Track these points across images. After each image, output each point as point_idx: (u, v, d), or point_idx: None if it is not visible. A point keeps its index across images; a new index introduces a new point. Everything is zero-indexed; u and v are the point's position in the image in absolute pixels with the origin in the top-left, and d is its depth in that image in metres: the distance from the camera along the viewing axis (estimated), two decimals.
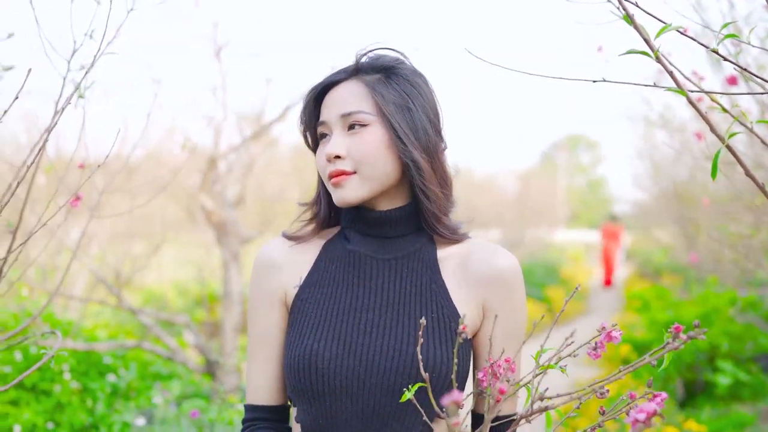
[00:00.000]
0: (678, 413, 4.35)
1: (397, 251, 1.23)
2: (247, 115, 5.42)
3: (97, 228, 6.04)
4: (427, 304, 1.20)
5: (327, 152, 1.20)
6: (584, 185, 40.98)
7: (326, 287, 1.23)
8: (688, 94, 0.95)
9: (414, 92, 1.23)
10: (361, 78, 1.23)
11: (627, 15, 0.93)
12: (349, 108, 1.21)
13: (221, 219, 4.62)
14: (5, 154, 5.45)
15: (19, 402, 3.54)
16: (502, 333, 1.21)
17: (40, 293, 5.02)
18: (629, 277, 14.86)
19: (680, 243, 9.42)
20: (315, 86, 1.26)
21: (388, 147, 1.20)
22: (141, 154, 6.10)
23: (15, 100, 1.30)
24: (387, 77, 1.23)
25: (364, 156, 1.19)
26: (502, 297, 1.22)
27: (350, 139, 1.20)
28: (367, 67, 1.24)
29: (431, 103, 1.25)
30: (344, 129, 1.21)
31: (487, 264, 1.23)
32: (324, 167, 1.22)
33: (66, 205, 1.56)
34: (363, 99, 1.21)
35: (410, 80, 1.23)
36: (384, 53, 1.27)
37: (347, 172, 1.19)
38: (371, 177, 1.19)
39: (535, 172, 21.14)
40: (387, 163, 1.20)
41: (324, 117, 1.24)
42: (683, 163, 7.06)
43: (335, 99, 1.23)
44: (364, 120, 1.20)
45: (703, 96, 2.00)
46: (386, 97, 1.21)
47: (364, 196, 1.21)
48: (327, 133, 1.24)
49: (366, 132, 1.20)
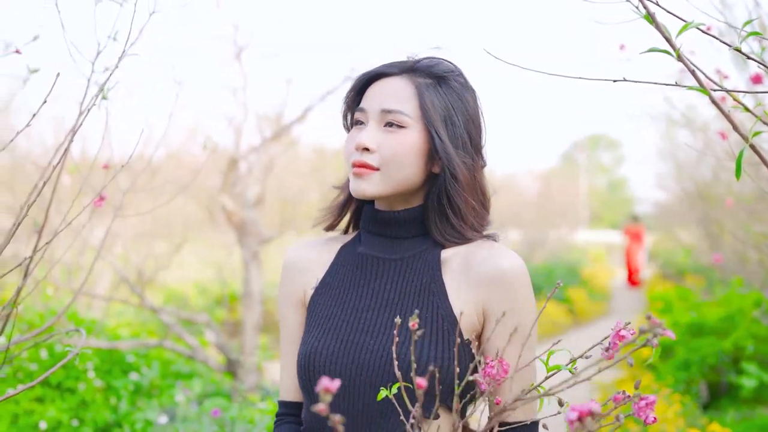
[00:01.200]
0: (701, 416, 4.30)
1: (404, 252, 1.24)
2: (268, 116, 5.45)
3: (120, 228, 6.12)
4: (424, 304, 1.20)
5: (357, 142, 1.21)
6: (605, 186, 40.61)
7: (336, 288, 1.26)
8: (710, 92, 0.94)
9: (460, 106, 1.23)
10: (413, 78, 1.23)
11: (648, 14, 0.92)
12: (392, 105, 1.21)
13: (241, 219, 4.66)
14: (33, 156, 5.54)
15: (44, 399, 3.60)
16: (505, 335, 1.17)
17: (65, 292, 5.10)
18: (652, 278, 14.72)
19: (703, 244, 9.30)
20: (366, 72, 1.26)
21: (419, 154, 1.21)
22: (163, 154, 6.17)
23: (43, 104, 1.32)
24: (438, 84, 1.23)
25: (393, 156, 1.20)
26: (503, 298, 1.18)
27: (383, 136, 1.21)
28: (422, 70, 1.24)
29: (476, 120, 1.26)
30: (380, 123, 1.22)
31: (488, 264, 1.20)
32: (350, 153, 1.23)
33: (90, 204, 1.58)
34: (408, 100, 1.21)
35: (459, 94, 1.23)
36: (442, 61, 1.27)
37: (371, 167, 1.20)
38: (393, 178, 1.20)
39: (555, 172, 21.00)
40: (412, 169, 1.21)
41: (364, 105, 1.24)
42: (706, 163, 6.97)
43: (380, 91, 1.24)
44: (402, 121, 1.20)
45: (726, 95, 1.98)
46: (432, 104, 1.21)
47: (380, 193, 1.22)
48: (363, 121, 1.24)
49: (401, 133, 1.20)
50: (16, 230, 1.34)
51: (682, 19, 0.97)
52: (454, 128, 1.22)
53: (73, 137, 1.40)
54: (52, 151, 1.39)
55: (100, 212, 4.81)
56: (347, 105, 1.30)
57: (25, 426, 3.39)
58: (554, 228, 15.03)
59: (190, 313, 5.61)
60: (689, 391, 4.87)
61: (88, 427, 3.54)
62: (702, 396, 4.91)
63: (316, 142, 9.27)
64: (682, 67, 1.00)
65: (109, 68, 1.56)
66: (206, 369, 4.78)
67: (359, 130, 1.24)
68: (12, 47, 1.75)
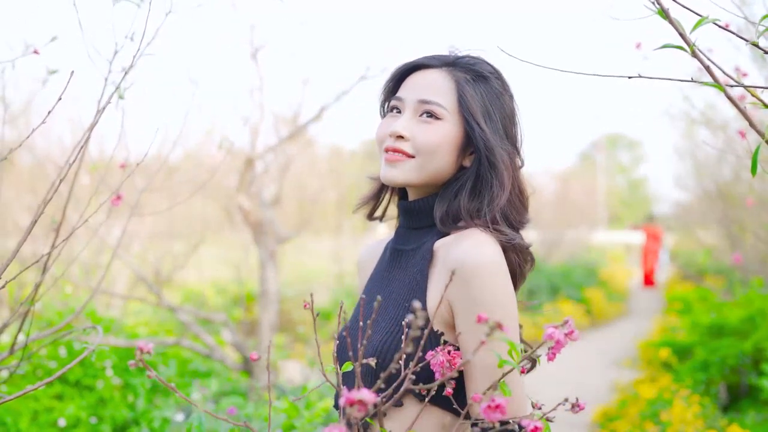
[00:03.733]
0: (721, 418, 4.25)
1: (414, 243, 1.27)
2: (284, 116, 5.47)
3: (138, 227, 6.17)
4: (406, 294, 1.21)
5: (392, 129, 1.22)
6: (625, 185, 40.27)
7: (370, 280, 1.35)
8: (725, 88, 0.93)
9: (498, 104, 1.24)
10: (453, 72, 1.24)
11: (662, 9, 0.91)
12: (429, 96, 1.22)
13: (258, 219, 4.68)
14: (53, 156, 5.61)
15: (63, 396, 3.64)
16: (466, 328, 1.13)
17: (84, 291, 5.15)
18: (671, 278, 14.59)
19: (724, 244, 9.19)
20: (407, 62, 1.28)
21: (452, 146, 1.22)
22: (180, 154, 6.22)
23: (59, 101, 1.33)
24: (477, 81, 1.23)
25: (427, 145, 1.21)
26: (460, 290, 1.13)
27: (418, 126, 1.22)
28: (463, 66, 1.25)
29: (511, 118, 1.27)
30: (416, 113, 1.23)
31: (453, 256, 1.16)
32: (383, 139, 1.25)
33: (107, 203, 1.60)
34: (446, 93, 1.22)
35: (498, 93, 1.24)
36: (483, 61, 1.27)
37: (407, 153, 1.22)
38: (426, 168, 1.22)
39: (574, 172, 20.85)
40: (445, 160, 1.22)
41: (402, 94, 1.26)
42: (727, 162, 6.89)
43: (419, 82, 1.25)
44: (438, 113, 1.21)
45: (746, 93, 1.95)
46: (471, 97, 1.21)
47: (410, 181, 1.23)
48: (400, 108, 1.25)
49: (437, 124, 1.21)
50: (33, 227, 1.36)
51: (698, 15, 0.96)
52: (492, 122, 1.22)
53: (90, 134, 1.41)
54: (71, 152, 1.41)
55: (117, 211, 4.86)
56: (385, 93, 1.32)
57: (45, 423, 3.43)
58: (572, 228, 14.94)
59: (207, 313, 5.65)
60: (708, 393, 4.81)
61: (107, 425, 3.57)
62: (721, 398, 4.85)
63: (333, 143, 9.29)
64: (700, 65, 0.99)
65: (126, 68, 1.58)
66: (223, 368, 4.81)
67: (394, 117, 1.25)
68: (31, 48, 1.78)
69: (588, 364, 7.36)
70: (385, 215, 1.40)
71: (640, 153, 41.87)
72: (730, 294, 8.31)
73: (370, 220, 1.39)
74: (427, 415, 1.15)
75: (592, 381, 6.53)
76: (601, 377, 6.70)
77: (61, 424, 3.42)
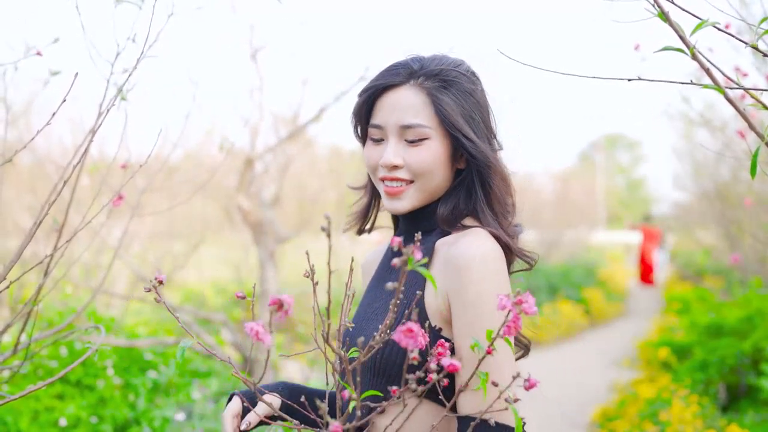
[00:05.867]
0: (720, 418, 4.25)
1: None
2: (284, 116, 5.48)
3: (137, 227, 6.18)
4: (407, 292, 1.21)
5: (384, 160, 1.22)
6: (624, 186, 40.30)
7: (370, 283, 1.38)
8: (725, 90, 0.94)
9: (473, 102, 1.23)
10: (421, 85, 1.22)
11: (662, 12, 0.92)
12: (410, 120, 1.21)
13: (258, 219, 4.68)
14: (53, 156, 5.61)
15: (64, 396, 3.64)
16: (461, 325, 1.12)
17: (84, 290, 5.16)
18: (670, 278, 14.62)
19: (722, 244, 9.21)
20: (372, 87, 1.25)
21: (445, 160, 1.23)
22: (180, 155, 6.23)
23: (63, 103, 1.34)
24: (447, 85, 1.22)
25: (422, 168, 1.22)
26: (456, 286, 1.13)
27: (407, 151, 1.22)
28: (426, 73, 1.22)
29: (488, 107, 1.28)
30: (401, 138, 1.23)
31: (452, 249, 1.17)
32: (374, 167, 1.26)
33: (109, 204, 1.60)
34: (423, 110, 1.21)
35: (468, 89, 1.24)
36: (443, 57, 1.26)
37: (405, 180, 1.23)
38: (427, 189, 1.24)
39: (573, 172, 20.87)
40: (442, 176, 1.24)
41: (380, 121, 1.24)
42: (725, 163, 6.91)
43: (393, 105, 1.23)
44: (424, 134, 1.21)
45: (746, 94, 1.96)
46: (449, 108, 1.20)
47: (414, 206, 1.25)
48: (382, 137, 1.25)
49: (425, 146, 1.22)
50: (36, 229, 1.37)
51: (698, 17, 0.97)
52: (475, 124, 1.23)
53: (92, 138, 1.42)
54: (71, 152, 1.42)
55: (117, 212, 4.86)
56: (357, 118, 1.29)
57: (46, 422, 3.43)
58: (571, 228, 14.95)
59: (207, 312, 5.65)
60: (707, 393, 4.82)
61: (107, 424, 3.58)
62: (720, 398, 4.86)
63: (332, 143, 9.29)
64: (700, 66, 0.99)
65: (128, 69, 1.59)
66: (223, 367, 4.81)
67: (379, 144, 1.25)
68: (32, 49, 1.78)
69: (587, 364, 7.37)
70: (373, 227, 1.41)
71: (639, 153, 41.92)
72: (728, 294, 8.32)
73: (360, 234, 1.41)
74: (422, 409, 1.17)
75: (592, 381, 6.54)
76: (601, 377, 6.71)
77: (62, 424, 3.43)
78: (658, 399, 4.56)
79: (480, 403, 1.08)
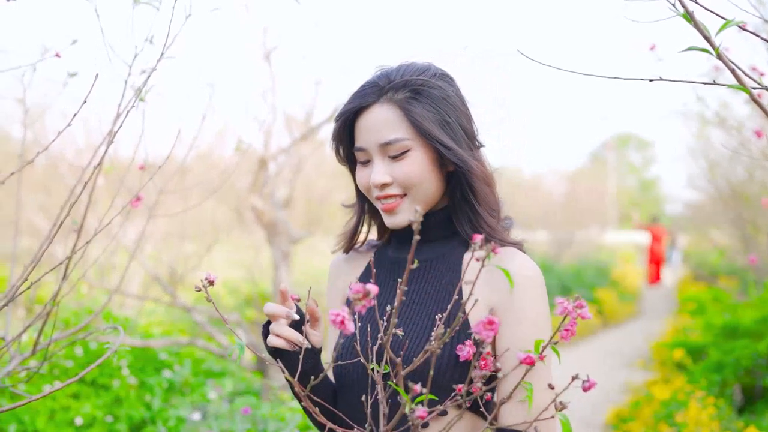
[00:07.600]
0: (736, 419, 4.22)
1: (429, 253, 1.28)
2: (297, 117, 5.48)
3: (151, 228, 6.21)
4: (441, 304, 1.22)
5: (373, 182, 1.24)
6: (636, 186, 40.08)
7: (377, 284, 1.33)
8: (751, 90, 0.93)
9: (446, 105, 1.23)
10: (392, 99, 1.23)
11: (687, 12, 0.91)
12: (387, 137, 1.22)
13: (271, 219, 4.70)
14: (66, 156, 5.65)
15: (80, 396, 3.67)
16: (511, 339, 1.16)
17: (99, 291, 5.19)
18: (683, 279, 14.53)
19: (737, 244, 9.13)
20: (345, 112, 1.26)
21: (432, 167, 1.24)
22: (193, 156, 6.24)
23: (84, 104, 1.35)
24: (416, 94, 1.22)
25: (410, 179, 1.23)
26: (511, 303, 1.18)
27: (392, 166, 1.23)
28: (393, 86, 1.23)
29: (463, 108, 1.27)
30: (384, 156, 1.24)
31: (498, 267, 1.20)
32: (368, 189, 1.27)
33: (127, 205, 1.61)
34: (398, 124, 1.22)
35: (440, 93, 1.23)
36: (407, 66, 1.26)
37: (398, 195, 1.24)
38: (420, 199, 1.24)
39: (584, 172, 20.78)
40: (432, 183, 1.24)
41: (362, 143, 1.26)
42: (741, 162, 6.85)
43: (370, 125, 1.24)
44: (404, 147, 1.22)
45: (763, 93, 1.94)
46: (422, 117, 1.21)
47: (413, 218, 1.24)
48: (368, 158, 1.26)
49: (408, 158, 1.22)
50: (57, 231, 1.38)
51: (721, 17, 0.96)
52: (451, 129, 1.23)
53: (112, 140, 1.43)
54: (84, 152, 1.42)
55: (132, 213, 4.88)
56: (339, 141, 1.31)
57: (62, 421, 3.46)
58: (583, 228, 14.90)
59: (221, 313, 5.66)
60: (723, 394, 4.78)
61: (123, 423, 3.60)
62: (736, 399, 4.82)
63: None
64: (715, 65, 0.99)
65: (146, 71, 1.59)
66: (237, 368, 4.83)
67: (366, 166, 1.27)
68: (50, 51, 1.80)
69: (600, 365, 7.33)
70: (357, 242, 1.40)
71: (651, 153, 41.67)
72: (744, 295, 8.25)
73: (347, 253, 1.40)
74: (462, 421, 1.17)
75: (605, 382, 6.51)
76: (614, 378, 6.68)
77: (78, 423, 3.45)
78: (673, 400, 4.53)
79: (523, 415, 1.12)
